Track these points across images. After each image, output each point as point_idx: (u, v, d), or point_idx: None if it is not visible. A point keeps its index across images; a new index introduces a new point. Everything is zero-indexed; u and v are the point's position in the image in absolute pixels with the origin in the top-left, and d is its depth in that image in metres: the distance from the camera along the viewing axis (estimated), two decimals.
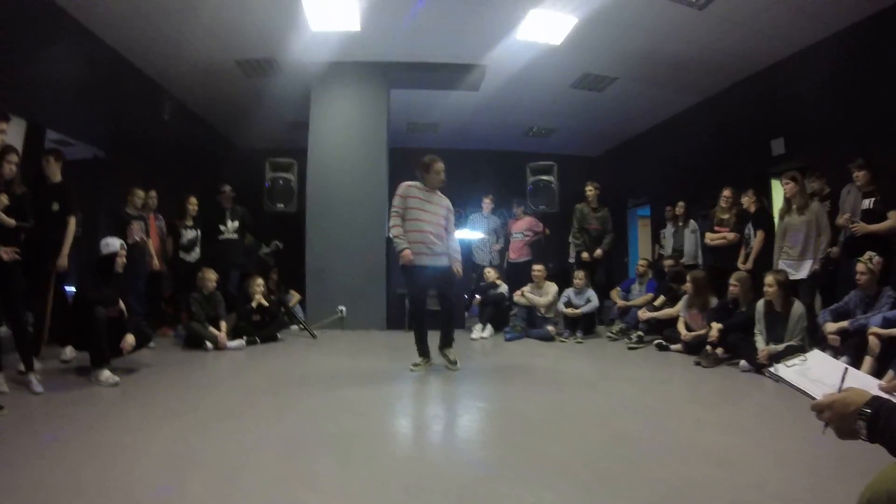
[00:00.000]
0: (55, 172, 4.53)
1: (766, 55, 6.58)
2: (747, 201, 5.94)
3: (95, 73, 6.13)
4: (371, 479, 2.26)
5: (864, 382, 1.21)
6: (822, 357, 1.39)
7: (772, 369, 1.39)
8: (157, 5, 5.63)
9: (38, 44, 5.20)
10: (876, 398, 1.05)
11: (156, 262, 6.09)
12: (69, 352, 4.44)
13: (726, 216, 5.98)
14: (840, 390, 1.14)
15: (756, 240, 5.57)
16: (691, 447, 2.62)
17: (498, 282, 6.90)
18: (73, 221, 4.43)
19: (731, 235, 5.90)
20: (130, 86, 6.95)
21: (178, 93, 8.01)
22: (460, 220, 6.71)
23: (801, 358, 1.35)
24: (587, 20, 5.94)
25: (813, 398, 1.16)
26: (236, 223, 6.74)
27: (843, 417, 1.07)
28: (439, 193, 4.59)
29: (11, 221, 3.50)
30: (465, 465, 2.43)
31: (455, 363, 4.50)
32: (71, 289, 4.82)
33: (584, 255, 6.93)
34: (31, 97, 5.19)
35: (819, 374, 1.27)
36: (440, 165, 4.52)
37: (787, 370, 1.32)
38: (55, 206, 4.39)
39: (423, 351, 4.55)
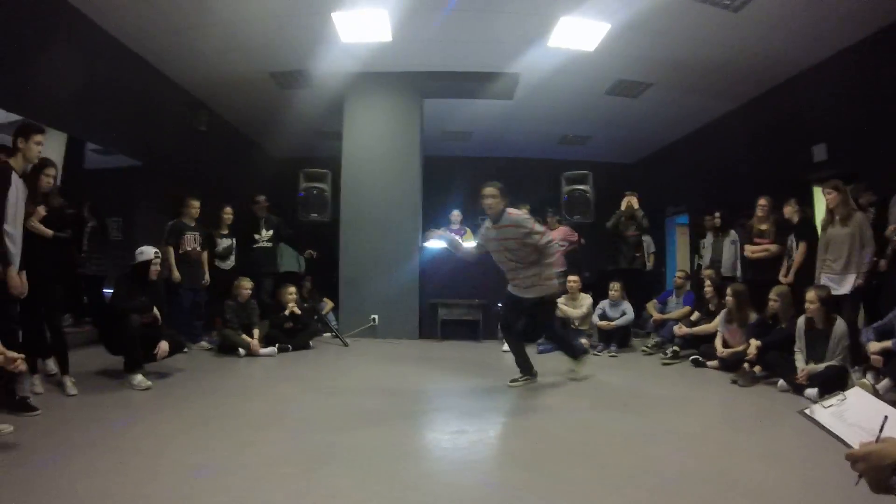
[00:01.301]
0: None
1: (804, 58, 6.34)
2: (790, 211, 5.66)
3: (132, 85, 6.35)
4: (388, 498, 2.23)
5: None
6: (863, 396, 1.29)
7: (807, 411, 1.31)
8: (191, 21, 5.80)
9: (77, 59, 5.39)
10: None
11: (206, 275, 6.09)
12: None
13: (765, 226, 5.70)
14: (879, 439, 1.05)
15: (798, 252, 5.30)
16: (723, 476, 2.50)
17: None
18: None
19: (773, 247, 5.60)
20: (167, 98, 7.15)
21: (213, 104, 8.21)
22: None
23: (840, 397, 1.26)
24: (620, 26, 5.85)
25: (849, 446, 1.08)
26: (270, 232, 6.87)
27: (878, 471, 0.99)
28: (506, 217, 4.23)
29: (49, 232, 3.63)
30: (485, 487, 2.37)
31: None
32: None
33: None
34: (70, 110, 5.38)
35: (857, 416, 1.19)
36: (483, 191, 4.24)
37: (823, 412, 1.24)
38: None
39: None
